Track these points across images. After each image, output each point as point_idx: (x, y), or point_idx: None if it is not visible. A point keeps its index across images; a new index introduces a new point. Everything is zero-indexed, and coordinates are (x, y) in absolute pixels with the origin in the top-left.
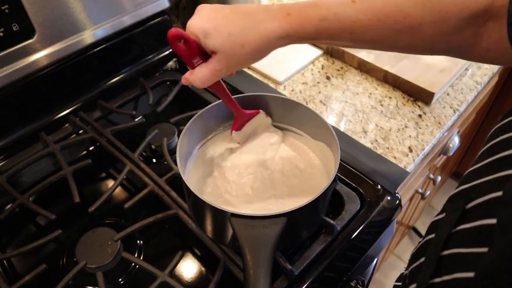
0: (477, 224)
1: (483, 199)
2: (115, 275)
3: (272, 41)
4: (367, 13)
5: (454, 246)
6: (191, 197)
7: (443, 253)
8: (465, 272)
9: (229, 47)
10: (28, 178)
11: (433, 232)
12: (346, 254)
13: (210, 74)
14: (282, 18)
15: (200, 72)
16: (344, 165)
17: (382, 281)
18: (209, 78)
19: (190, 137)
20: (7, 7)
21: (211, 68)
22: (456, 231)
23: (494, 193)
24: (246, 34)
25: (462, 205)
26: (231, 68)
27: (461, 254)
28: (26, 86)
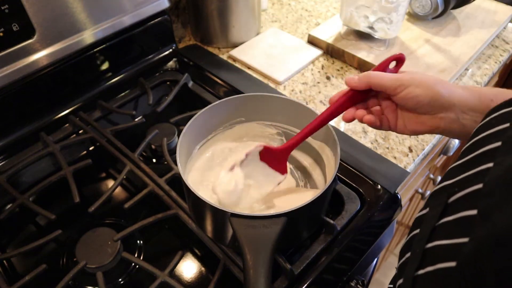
0: (458, 216)
1: (465, 192)
2: (115, 275)
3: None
4: None
5: (437, 238)
6: (191, 197)
7: (427, 246)
8: (447, 262)
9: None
10: (28, 178)
11: (418, 227)
12: (346, 254)
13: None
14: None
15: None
16: (344, 165)
17: (382, 281)
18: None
19: (190, 137)
20: (7, 7)
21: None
22: (439, 224)
23: (474, 185)
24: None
25: (445, 199)
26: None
27: (444, 246)
28: (26, 86)
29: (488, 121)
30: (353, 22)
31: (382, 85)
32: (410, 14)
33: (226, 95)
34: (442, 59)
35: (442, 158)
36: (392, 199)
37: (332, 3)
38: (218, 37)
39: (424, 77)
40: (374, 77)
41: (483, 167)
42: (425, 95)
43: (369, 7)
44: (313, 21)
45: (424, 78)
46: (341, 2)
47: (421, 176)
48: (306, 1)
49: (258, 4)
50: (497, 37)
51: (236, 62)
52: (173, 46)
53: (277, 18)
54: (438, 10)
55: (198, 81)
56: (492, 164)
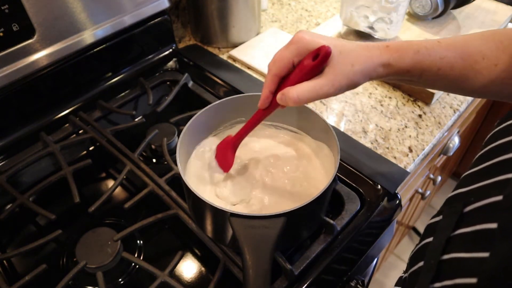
0: (477, 229)
1: (483, 203)
2: (115, 275)
3: (376, 67)
4: (452, 51)
5: (454, 250)
6: (191, 197)
7: (442, 258)
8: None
9: (340, 64)
10: (28, 178)
11: (430, 235)
12: (346, 254)
13: (311, 90)
14: (383, 48)
15: (301, 88)
16: (344, 165)
17: (382, 281)
18: (308, 95)
19: (190, 137)
20: (7, 7)
21: (315, 85)
22: (455, 235)
23: (493, 197)
24: (355, 56)
25: (460, 208)
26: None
27: (462, 259)
28: (26, 86)
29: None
30: (353, 22)
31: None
32: (410, 14)
33: (226, 95)
34: None
35: (442, 158)
36: (392, 199)
37: (332, 3)
38: (218, 37)
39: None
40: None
41: (502, 178)
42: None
43: (369, 7)
44: (313, 21)
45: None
46: (341, 2)
47: (421, 176)
48: (306, 1)
49: (258, 4)
50: None
51: (236, 62)
52: (173, 46)
53: (277, 18)
54: (438, 10)
55: (198, 81)
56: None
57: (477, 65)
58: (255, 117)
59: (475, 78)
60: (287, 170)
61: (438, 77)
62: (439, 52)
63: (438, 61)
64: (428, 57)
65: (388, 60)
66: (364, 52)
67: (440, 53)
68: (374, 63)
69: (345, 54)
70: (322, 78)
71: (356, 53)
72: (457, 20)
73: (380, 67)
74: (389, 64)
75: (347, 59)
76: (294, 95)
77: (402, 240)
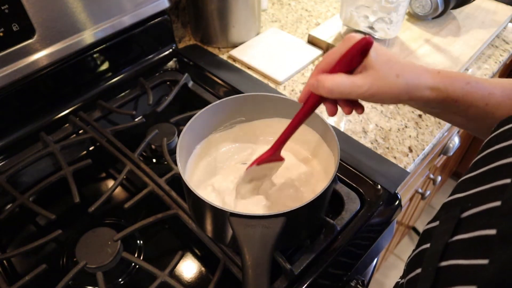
0: (475, 235)
1: (480, 208)
2: (115, 275)
3: (422, 87)
4: (500, 89)
5: (452, 257)
6: (191, 197)
7: (441, 264)
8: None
9: (384, 70)
10: (28, 178)
11: (428, 241)
12: (346, 254)
13: (348, 84)
14: (434, 72)
15: (339, 78)
16: (344, 165)
17: (382, 281)
18: (343, 88)
19: (190, 137)
20: (7, 7)
21: (353, 80)
22: (453, 241)
23: (491, 202)
24: (404, 69)
25: (458, 214)
26: (371, 91)
27: (460, 266)
28: (26, 86)
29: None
30: (353, 22)
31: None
32: (410, 14)
33: (226, 95)
34: (442, 59)
35: (442, 158)
36: (392, 199)
37: (332, 3)
38: (218, 37)
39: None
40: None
41: (499, 183)
42: (387, 102)
43: (369, 7)
44: (313, 21)
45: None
46: (341, 2)
47: (421, 176)
48: (306, 1)
49: (258, 4)
50: (497, 37)
51: (236, 62)
52: (173, 46)
53: (277, 18)
54: (438, 10)
55: (198, 81)
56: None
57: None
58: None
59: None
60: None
61: (484, 115)
62: (488, 88)
63: (487, 97)
64: (478, 90)
65: (438, 84)
66: (414, 69)
67: (489, 89)
68: (422, 83)
69: (392, 64)
70: (362, 77)
71: (405, 67)
72: (457, 20)
73: (428, 89)
74: (439, 89)
75: (394, 68)
76: (328, 84)
77: (402, 240)
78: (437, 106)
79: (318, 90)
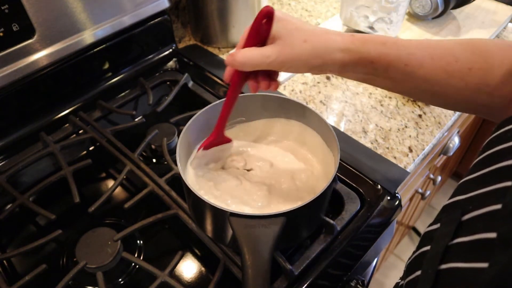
0: (475, 238)
1: (481, 211)
2: (115, 275)
3: (332, 49)
4: (422, 50)
5: (452, 260)
6: (191, 197)
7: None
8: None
9: (291, 38)
10: (28, 178)
11: (428, 244)
12: (346, 254)
13: (257, 55)
14: (347, 36)
15: (248, 51)
16: (344, 165)
17: (382, 281)
18: (253, 60)
19: (190, 137)
20: (7, 7)
21: (262, 51)
22: (453, 244)
23: (492, 205)
24: (311, 34)
25: (459, 216)
26: (280, 59)
27: (460, 269)
28: (26, 86)
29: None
30: (353, 22)
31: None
32: (410, 14)
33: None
34: None
35: (442, 158)
36: (392, 199)
37: (332, 3)
38: (218, 37)
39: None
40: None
41: (500, 186)
42: (300, 70)
43: (369, 7)
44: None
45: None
46: (341, 2)
47: (421, 176)
48: (306, 1)
49: (258, 4)
50: (497, 37)
51: None
52: (173, 46)
53: None
54: (438, 10)
55: (198, 81)
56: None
57: (449, 67)
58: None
59: (447, 81)
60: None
61: (406, 75)
62: (408, 48)
63: (405, 57)
64: (395, 50)
65: (349, 46)
66: (324, 34)
67: (409, 49)
68: (332, 46)
69: (300, 31)
70: (270, 47)
71: (313, 32)
72: (457, 20)
73: (339, 52)
74: (350, 50)
75: (301, 35)
76: (240, 58)
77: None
78: (355, 70)
79: (234, 65)
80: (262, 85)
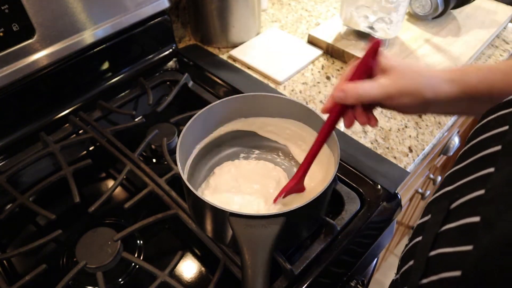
0: (461, 223)
1: (466, 198)
2: (115, 275)
3: (440, 81)
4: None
5: (441, 246)
6: (191, 197)
7: (430, 254)
8: (452, 271)
9: (403, 69)
10: (28, 178)
11: (420, 235)
12: (346, 254)
13: (375, 86)
14: (444, 70)
15: (364, 83)
16: (344, 165)
17: (382, 281)
18: (370, 91)
19: (190, 137)
20: (7, 7)
21: (380, 82)
22: (441, 231)
23: (476, 191)
24: (421, 69)
25: (447, 205)
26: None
27: (447, 254)
28: (26, 86)
29: (485, 123)
30: (353, 22)
31: (371, 99)
32: (410, 14)
33: (226, 95)
34: (442, 59)
35: (442, 158)
36: (392, 199)
37: (332, 3)
38: (218, 37)
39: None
40: (363, 93)
41: (484, 172)
42: (414, 102)
43: (369, 7)
44: (313, 21)
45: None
46: (341, 2)
47: (421, 176)
48: (306, 1)
49: (258, 4)
50: (497, 37)
51: (236, 62)
52: (173, 46)
53: (277, 18)
54: (438, 10)
55: (198, 81)
56: (493, 170)
57: None
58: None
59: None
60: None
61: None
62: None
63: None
64: (491, 74)
65: (452, 76)
66: (426, 68)
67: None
68: (439, 78)
69: (407, 64)
70: (385, 77)
71: (422, 68)
72: (457, 20)
73: (445, 83)
74: (454, 80)
75: (410, 67)
76: (355, 91)
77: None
78: (460, 102)
79: (347, 100)
80: (360, 120)
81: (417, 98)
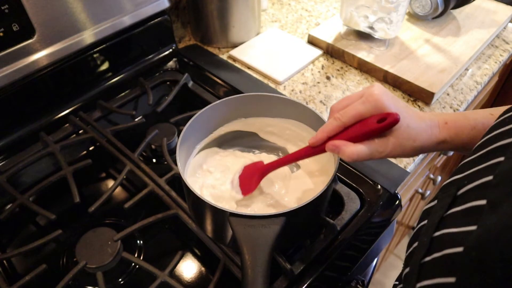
0: (467, 206)
1: (474, 184)
2: (115, 275)
3: (433, 145)
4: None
5: (446, 227)
6: (191, 197)
7: (434, 235)
8: (454, 248)
9: (403, 138)
10: (28, 178)
11: (425, 219)
12: (346, 254)
13: (368, 152)
14: (442, 126)
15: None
16: (344, 165)
17: (382, 281)
18: (364, 156)
19: (190, 137)
20: (7, 7)
21: (374, 148)
22: (447, 214)
23: (484, 178)
24: (419, 132)
25: (454, 191)
26: (391, 155)
27: (451, 234)
28: (26, 86)
29: (501, 120)
30: (353, 22)
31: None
32: (410, 14)
33: (226, 95)
34: (442, 59)
35: (442, 158)
36: (392, 199)
37: (332, 3)
38: (218, 37)
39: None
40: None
41: (494, 161)
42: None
43: (369, 7)
44: (313, 21)
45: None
46: (341, 2)
47: (421, 176)
48: (306, 1)
49: (258, 4)
50: (497, 37)
51: (236, 62)
52: (173, 46)
53: (277, 18)
54: (438, 10)
55: (198, 81)
56: (503, 158)
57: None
58: (299, 153)
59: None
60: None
61: None
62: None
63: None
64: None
65: (445, 138)
66: (427, 130)
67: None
68: (433, 142)
69: (411, 129)
70: (383, 144)
71: (420, 130)
72: (457, 20)
73: (438, 144)
74: (446, 141)
75: (412, 134)
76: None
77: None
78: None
79: (338, 155)
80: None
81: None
